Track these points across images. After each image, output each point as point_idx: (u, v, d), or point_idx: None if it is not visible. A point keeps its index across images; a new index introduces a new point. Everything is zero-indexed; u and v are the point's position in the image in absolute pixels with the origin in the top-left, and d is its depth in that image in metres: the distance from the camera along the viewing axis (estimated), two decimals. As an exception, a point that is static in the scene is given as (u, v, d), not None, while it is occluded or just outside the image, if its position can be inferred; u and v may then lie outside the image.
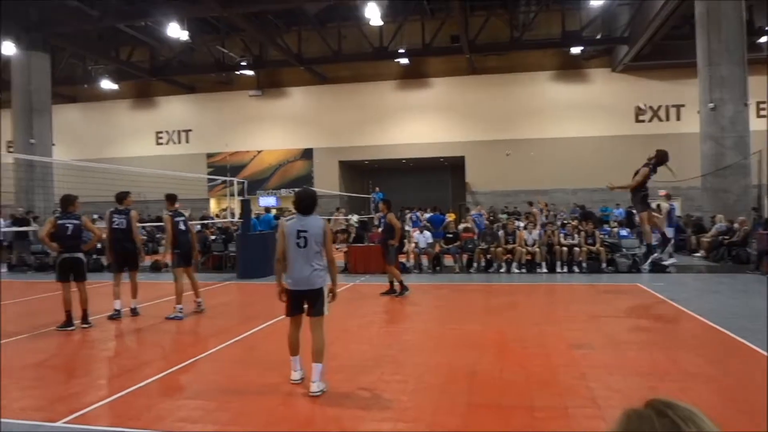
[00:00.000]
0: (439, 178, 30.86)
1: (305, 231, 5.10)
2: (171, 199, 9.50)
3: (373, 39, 24.20)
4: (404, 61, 25.18)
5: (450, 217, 18.11)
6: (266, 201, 28.91)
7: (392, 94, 27.87)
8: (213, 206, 29.68)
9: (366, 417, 4.65)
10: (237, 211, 15.75)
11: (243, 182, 16.55)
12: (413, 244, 15.10)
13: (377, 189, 24.81)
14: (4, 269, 16.93)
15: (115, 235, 9.13)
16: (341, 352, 6.45)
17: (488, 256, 14.69)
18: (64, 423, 4.55)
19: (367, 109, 27.90)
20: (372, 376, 5.69)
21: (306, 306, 5.25)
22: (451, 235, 15.20)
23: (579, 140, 25.39)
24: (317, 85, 28.40)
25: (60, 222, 8.32)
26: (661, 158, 10.41)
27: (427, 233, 15.41)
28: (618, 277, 12.86)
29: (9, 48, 20.25)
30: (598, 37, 23.35)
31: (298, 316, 5.30)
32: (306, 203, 5.20)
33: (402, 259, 14.37)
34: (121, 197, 9.31)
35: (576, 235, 14.33)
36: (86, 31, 22.28)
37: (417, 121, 27.40)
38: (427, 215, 18.79)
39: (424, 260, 15.09)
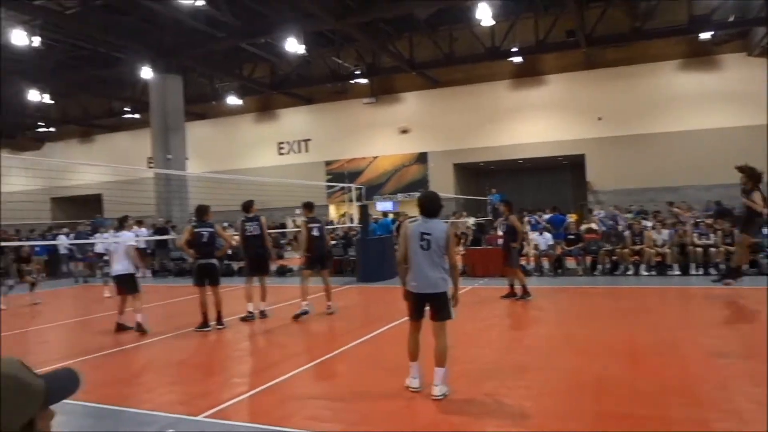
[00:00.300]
0: (557, 177, 29.86)
1: (429, 234, 5.04)
2: (308, 206, 10.00)
3: (484, 39, 23.90)
4: (518, 59, 24.63)
5: (572, 218, 17.42)
6: (383, 205, 29.38)
7: (506, 93, 27.36)
8: (332, 212, 30.61)
9: (489, 423, 4.58)
10: (356, 217, 16.14)
11: (361, 188, 16.93)
12: (533, 246, 14.71)
13: (494, 191, 24.43)
14: (149, 274, 18.42)
15: (248, 242, 9.67)
16: (462, 356, 6.40)
17: (614, 258, 13.99)
18: (204, 417, 4.87)
19: (481, 111, 27.57)
20: (494, 381, 5.59)
21: (428, 310, 5.17)
22: (573, 237, 14.64)
23: (711, 132, 23.52)
24: (430, 89, 28.48)
25: (196, 230, 8.94)
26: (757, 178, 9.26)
27: (547, 235, 14.96)
28: (761, 280, 11.74)
29: (147, 72, 22.10)
30: (731, 19, 21.55)
31: (419, 320, 5.23)
32: (432, 206, 5.17)
33: (522, 261, 14.04)
34: (248, 206, 9.85)
35: (712, 235, 13.29)
36: (213, 52, 23.81)
37: (533, 120, 26.70)
38: (546, 216, 18.23)
39: (545, 263, 14.65)
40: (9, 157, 37.09)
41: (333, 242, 18.03)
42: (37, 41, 18.83)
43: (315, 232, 9.64)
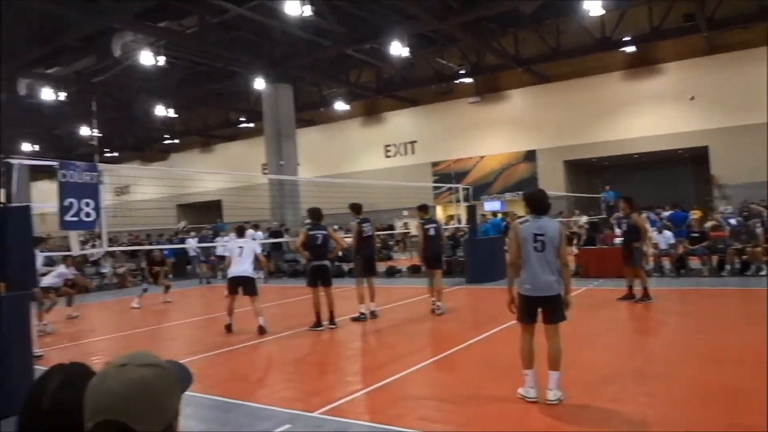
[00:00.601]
0: (676, 172, 28.01)
1: (542, 234, 4.89)
2: (423, 208, 10.46)
3: (594, 30, 22.95)
4: (630, 49, 23.42)
5: (695, 215, 16.26)
6: (491, 205, 28.98)
7: (619, 85, 26.10)
8: (439, 213, 30.62)
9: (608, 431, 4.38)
10: (463, 217, 16.05)
11: (468, 188, 16.80)
12: (653, 245, 13.91)
13: (607, 188, 23.38)
14: (264, 275, 19.29)
15: (364, 243, 9.90)
16: (577, 362, 6.17)
17: (744, 257, 12.92)
18: (319, 414, 5.03)
19: (592, 104, 26.49)
20: (613, 387, 5.35)
21: (541, 312, 5.00)
22: (696, 235, 13.69)
23: None
24: (537, 85, 27.74)
25: (311, 233, 9.24)
26: None
27: (668, 233, 14.09)
28: None
29: (260, 83, 23.20)
30: None
31: (532, 324, 5.03)
32: (542, 204, 5.03)
33: (639, 261, 13.33)
34: (359, 208, 10.05)
35: None
36: (320, 60, 24.58)
37: (649, 111, 25.26)
38: (666, 213, 17.18)
39: (666, 262, 13.81)
40: (139, 168, 40.38)
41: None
42: (161, 60, 20.29)
43: (431, 232, 10.03)
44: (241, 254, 9.38)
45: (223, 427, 4.91)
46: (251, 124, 32.72)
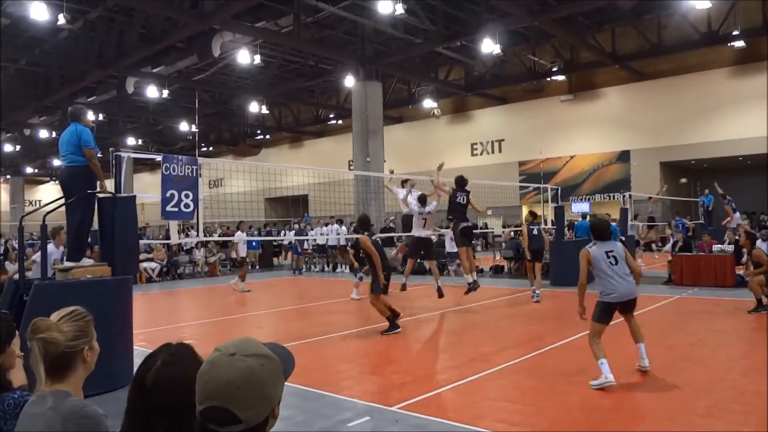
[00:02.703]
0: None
1: (612, 251, 5.81)
2: (532, 214, 12.65)
3: (699, 24, 21.72)
4: (739, 44, 21.97)
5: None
6: (579, 207, 28.10)
7: (724, 83, 24.56)
8: (524, 213, 30.01)
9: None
10: (550, 218, 15.66)
11: (556, 188, 16.37)
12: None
13: (706, 191, 22.10)
14: (347, 270, 19.63)
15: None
16: (667, 370, 5.91)
17: None
18: (398, 408, 5.08)
19: (693, 103, 25.09)
20: (707, 401, 5.09)
21: (618, 311, 5.85)
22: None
23: None
24: (634, 83, 26.60)
25: (455, 200, 11.00)
26: None
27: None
28: None
29: (350, 81, 23.58)
30: None
31: (608, 324, 5.80)
32: (606, 233, 5.99)
33: (739, 271, 12.55)
34: (424, 199, 11.16)
35: None
36: (410, 58, 24.67)
37: (755, 111, 23.54)
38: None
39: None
40: (232, 162, 42.07)
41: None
42: (257, 59, 21.06)
43: (534, 232, 12.10)
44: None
45: (302, 414, 5.06)
46: (340, 121, 33.33)
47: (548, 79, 26.70)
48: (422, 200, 11.12)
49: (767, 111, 20.78)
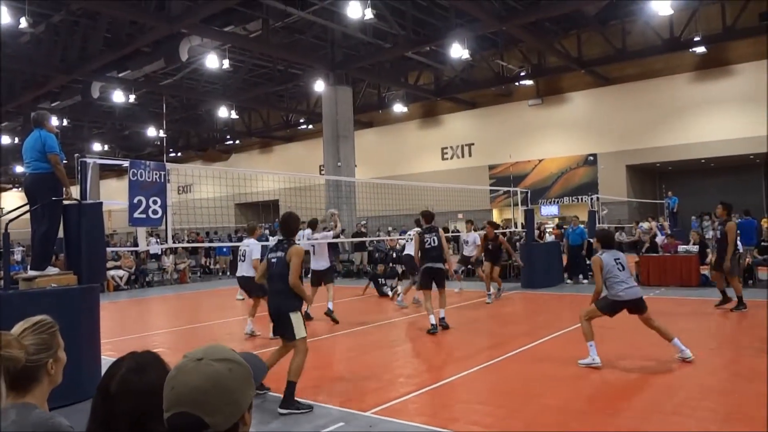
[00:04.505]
0: (747, 178, 26.73)
1: (619, 258, 6.51)
2: (492, 224, 12.58)
3: (662, 31, 22.23)
4: (701, 49, 22.54)
5: (766, 223, 15.56)
6: (548, 210, 28.48)
7: (686, 88, 25.18)
8: (495, 216, 30.29)
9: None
10: (520, 221, 15.82)
11: (526, 192, 16.55)
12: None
13: (670, 193, 22.61)
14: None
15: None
16: (637, 370, 6.01)
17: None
18: (372, 413, 5.06)
19: (657, 108, 25.67)
20: (676, 399, 5.18)
21: (627, 310, 6.45)
22: (767, 244, 13.07)
23: None
24: (599, 87, 27.11)
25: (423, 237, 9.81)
26: None
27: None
28: None
29: (320, 85, 23.53)
30: None
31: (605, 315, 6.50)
32: (612, 241, 6.89)
33: (704, 270, 12.86)
34: (429, 216, 9.44)
35: None
36: (380, 62, 24.73)
37: (717, 115, 24.25)
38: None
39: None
40: (201, 167, 41.60)
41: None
42: (226, 63, 20.87)
43: (432, 243, 10.83)
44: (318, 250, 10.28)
45: (277, 421, 5.01)
46: (310, 126, 33.22)
47: (516, 83, 27.03)
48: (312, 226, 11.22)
49: (767, 112, 21.19)
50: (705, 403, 5.08)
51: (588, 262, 15.10)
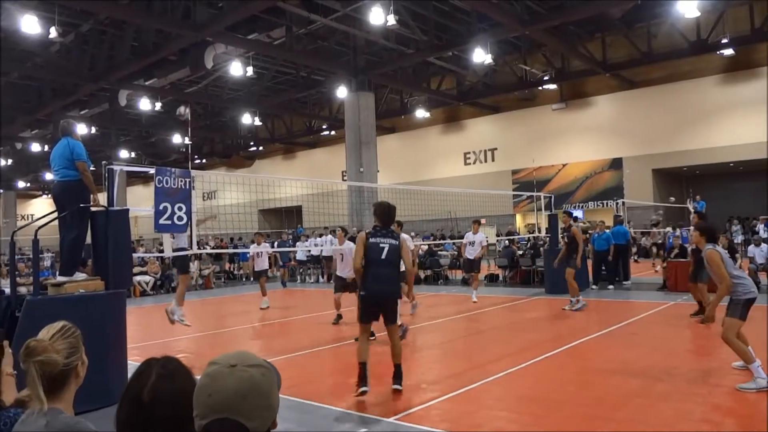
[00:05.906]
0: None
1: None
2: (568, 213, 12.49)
3: (688, 33, 21.91)
4: (728, 52, 22.15)
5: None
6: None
7: (714, 90, 24.75)
8: (518, 221, 30.05)
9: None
10: (543, 226, 15.68)
11: (550, 196, 16.41)
12: (748, 260, 13.10)
13: (698, 197, 22.22)
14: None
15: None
16: (666, 377, 5.90)
17: None
18: (395, 419, 5.04)
19: (684, 111, 25.27)
20: (704, 407, 5.08)
21: None
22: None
23: None
24: (625, 91, 26.79)
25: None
26: None
27: (765, 246, 13.23)
28: None
29: (342, 92, 23.65)
30: None
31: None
32: (716, 235, 6.16)
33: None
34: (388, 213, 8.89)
35: None
36: (403, 68, 24.75)
37: (746, 118, 23.74)
38: (762, 225, 16.11)
39: (762, 278, 12.95)
40: (225, 174, 42.00)
41: (520, 252, 17.71)
42: (250, 71, 21.08)
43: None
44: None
45: (298, 427, 5.02)
46: (333, 132, 33.35)
47: (540, 87, 26.83)
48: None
49: (767, 116, 20.83)
50: (739, 410, 4.97)
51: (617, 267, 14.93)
